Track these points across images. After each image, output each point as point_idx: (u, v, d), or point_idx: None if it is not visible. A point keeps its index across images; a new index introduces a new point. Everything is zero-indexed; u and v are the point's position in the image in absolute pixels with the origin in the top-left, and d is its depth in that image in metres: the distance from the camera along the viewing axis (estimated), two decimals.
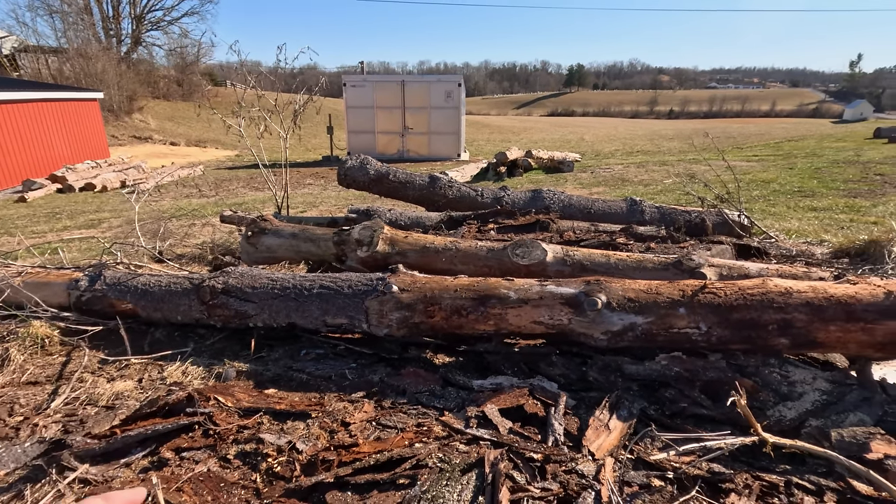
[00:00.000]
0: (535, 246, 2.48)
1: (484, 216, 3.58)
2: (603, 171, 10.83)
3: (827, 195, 6.55)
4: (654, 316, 1.86)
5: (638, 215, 3.85)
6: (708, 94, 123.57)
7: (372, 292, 2.14)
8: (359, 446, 1.58)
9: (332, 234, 2.75)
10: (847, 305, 1.71)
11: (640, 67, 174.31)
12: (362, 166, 3.97)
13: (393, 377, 2.06)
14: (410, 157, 16.20)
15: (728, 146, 19.52)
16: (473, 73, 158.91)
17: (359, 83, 16.53)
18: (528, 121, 57.24)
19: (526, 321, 1.99)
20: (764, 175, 8.82)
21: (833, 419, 1.59)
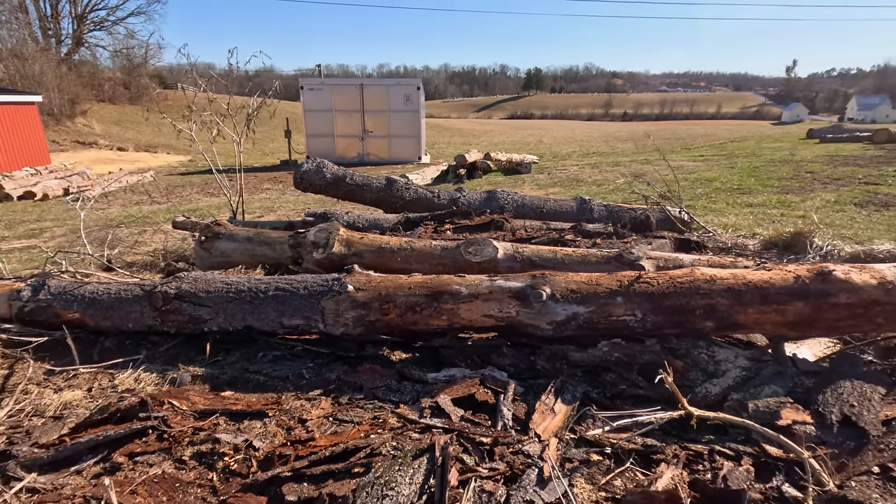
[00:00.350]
0: (486, 244, 2.59)
1: (440, 217, 3.66)
2: (559, 172, 11.16)
3: (762, 192, 7.01)
4: (594, 305, 1.99)
5: (587, 213, 4.03)
6: (659, 98, 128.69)
7: (327, 292, 2.19)
8: (315, 440, 1.63)
9: (288, 237, 2.77)
10: (762, 290, 1.89)
11: (595, 71, 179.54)
12: (318, 170, 3.98)
13: (350, 374, 2.11)
14: (371, 161, 16.15)
15: (677, 147, 20.45)
16: (434, 76, 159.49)
17: (316, 86, 16.34)
18: (488, 123, 58.01)
19: (477, 315, 2.09)
20: (708, 174, 9.32)
21: (751, 392, 1.76)
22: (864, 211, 5.47)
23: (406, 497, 1.34)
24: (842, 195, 6.53)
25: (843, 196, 6.45)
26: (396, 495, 1.33)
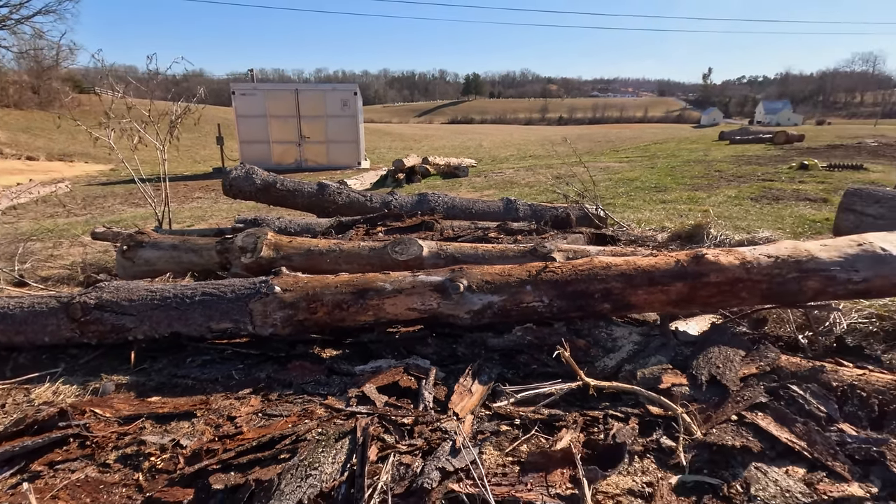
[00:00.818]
0: (412, 243, 2.73)
1: (373, 219, 3.77)
2: (495, 175, 11.54)
3: (676, 189, 7.65)
4: (507, 294, 2.19)
5: (513, 213, 4.28)
6: (591, 103, 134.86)
7: (255, 295, 2.24)
8: (243, 434, 1.70)
9: (215, 243, 2.77)
10: (649, 273, 2.15)
11: (532, 77, 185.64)
12: (248, 176, 3.97)
13: (280, 372, 2.17)
14: (309, 167, 15.90)
15: (607, 149, 21.64)
16: (373, 80, 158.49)
17: (249, 91, 15.90)
18: (429, 128, 58.41)
19: (402, 308, 2.22)
20: (630, 174, 10.00)
21: (640, 362, 2.01)
22: (758, 205, 6.13)
23: (329, 475, 1.45)
24: (742, 191, 7.26)
25: (742, 192, 7.18)
26: (320, 474, 1.44)
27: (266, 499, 1.38)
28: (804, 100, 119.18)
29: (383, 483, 1.44)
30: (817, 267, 2.10)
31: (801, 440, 1.60)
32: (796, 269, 2.10)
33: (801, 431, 1.62)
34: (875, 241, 2.15)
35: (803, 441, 1.59)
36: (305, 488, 1.40)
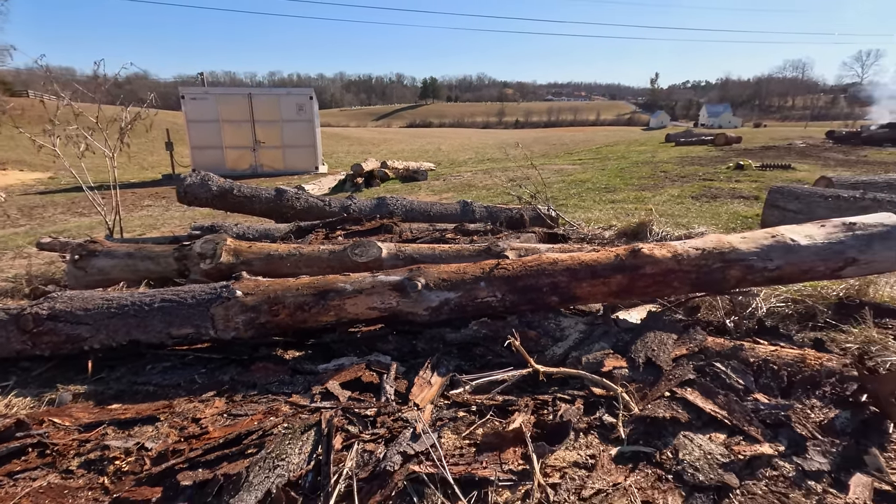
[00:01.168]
0: (371, 245, 2.82)
1: (332, 224, 3.83)
2: (454, 179, 11.73)
3: (624, 190, 8.05)
4: (463, 291, 2.32)
5: (470, 215, 4.43)
6: (546, 106, 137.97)
7: (216, 299, 2.27)
8: (209, 434, 1.75)
9: (173, 251, 2.77)
10: (592, 267, 2.34)
11: (488, 81, 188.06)
12: (203, 182, 3.94)
13: (243, 375, 2.22)
14: (265, 172, 15.60)
15: (561, 152, 22.30)
16: (329, 84, 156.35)
17: (200, 96, 15.45)
18: (387, 132, 58.25)
19: (362, 308, 2.31)
20: (582, 176, 10.41)
21: (585, 349, 2.18)
22: (698, 203, 6.56)
23: (295, 465, 1.53)
24: (684, 190, 7.73)
25: (685, 191, 7.64)
26: (287, 464, 1.52)
27: (235, 491, 1.45)
28: (743, 103, 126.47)
29: (348, 469, 1.54)
30: (738, 257, 2.35)
31: (722, 410, 1.80)
32: (720, 259, 2.34)
33: (723, 402, 1.83)
34: (786, 233, 2.42)
35: (724, 410, 1.80)
36: (273, 478, 1.48)
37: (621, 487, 1.52)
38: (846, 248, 2.36)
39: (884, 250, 2.36)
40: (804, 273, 2.40)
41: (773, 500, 1.47)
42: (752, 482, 1.53)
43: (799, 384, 1.94)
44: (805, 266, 2.37)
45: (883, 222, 2.41)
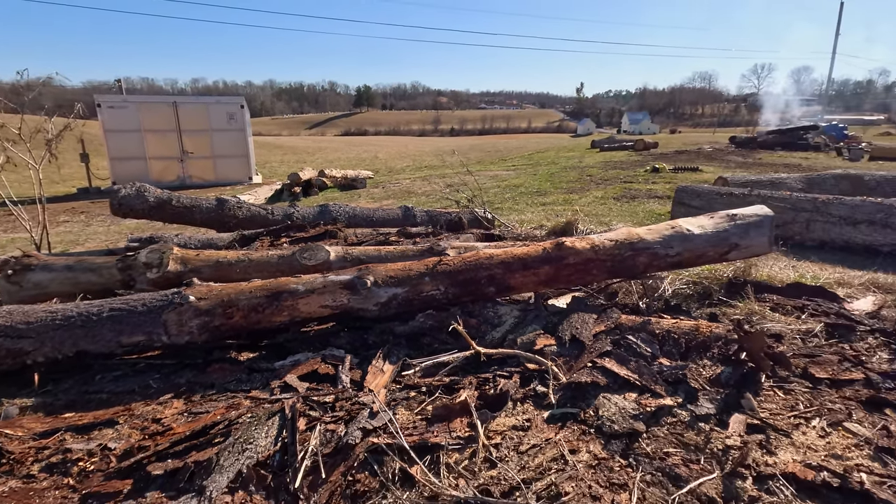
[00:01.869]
0: (319, 249, 2.96)
1: (276, 231, 3.90)
2: (393, 186, 11.90)
3: (554, 193, 8.60)
4: (409, 286, 2.53)
5: (411, 219, 4.65)
6: (480, 114, 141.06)
7: (168, 305, 2.33)
8: (173, 430, 1.83)
9: (116, 261, 2.76)
10: (523, 260, 2.63)
11: (422, 89, 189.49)
12: (139, 194, 3.87)
13: (200, 377, 2.29)
14: (194, 184, 14.95)
15: (496, 158, 23.06)
16: (258, 92, 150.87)
17: (118, 104, 14.57)
18: (322, 140, 57.16)
19: (315, 307, 2.46)
20: (516, 181, 10.95)
21: (520, 331, 2.46)
22: (619, 203, 7.18)
23: (263, 447, 1.67)
24: (607, 192, 8.39)
25: (607, 193, 8.30)
26: (255, 447, 1.65)
27: (207, 474, 1.56)
28: (660, 111, 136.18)
29: (313, 447, 1.69)
30: (645, 246, 2.73)
31: (633, 373, 2.13)
32: (630, 248, 2.71)
33: (634, 367, 2.16)
34: (683, 224, 2.84)
35: (635, 374, 2.13)
36: (243, 460, 1.61)
37: (552, 441, 1.78)
38: (730, 235, 2.82)
39: (758, 236, 2.83)
40: (698, 258, 2.83)
41: (672, 439, 1.79)
42: (656, 428, 1.85)
43: (694, 348, 2.32)
44: (699, 252, 2.79)
45: (757, 213, 2.89)
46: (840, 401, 2.02)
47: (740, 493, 1.53)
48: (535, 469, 1.64)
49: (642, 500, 1.51)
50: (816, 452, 1.71)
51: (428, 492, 1.55)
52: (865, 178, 5.62)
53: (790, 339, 2.56)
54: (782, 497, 1.51)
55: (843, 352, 2.38)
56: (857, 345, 2.46)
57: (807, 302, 2.92)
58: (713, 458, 1.69)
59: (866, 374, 2.18)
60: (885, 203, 4.05)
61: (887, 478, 1.56)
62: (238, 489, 1.55)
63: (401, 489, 1.57)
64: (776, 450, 1.73)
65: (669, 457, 1.70)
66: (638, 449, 1.74)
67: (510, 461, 1.68)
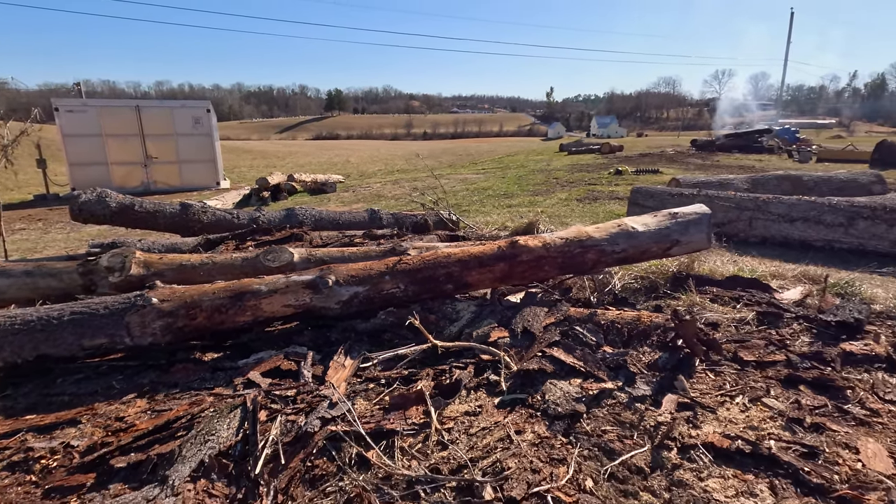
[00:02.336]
0: (283, 251, 3.04)
1: (241, 235, 3.94)
2: (363, 190, 11.94)
3: (520, 195, 8.82)
4: (370, 285, 2.63)
5: (377, 222, 4.75)
6: (453, 118, 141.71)
7: (131, 308, 2.37)
8: (137, 426, 1.89)
9: (77, 266, 2.77)
10: (479, 258, 2.77)
11: (394, 93, 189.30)
12: (101, 199, 3.85)
13: (163, 377, 2.34)
14: (159, 189, 14.62)
15: (467, 162, 23.29)
16: (226, 95, 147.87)
17: (77, 108, 14.16)
18: (292, 145, 56.45)
19: (278, 306, 2.54)
20: (485, 184, 11.15)
21: (477, 325, 2.60)
22: (581, 204, 7.44)
23: (225, 438, 1.75)
24: (571, 194, 8.66)
25: (571, 195, 8.57)
26: (217, 438, 1.73)
27: (169, 465, 1.64)
28: (627, 115, 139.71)
29: (273, 436, 1.78)
30: (593, 243, 2.91)
31: (579, 361, 2.29)
32: (579, 246, 2.88)
33: (580, 355, 2.33)
34: (628, 222, 3.04)
35: (581, 361, 2.29)
36: (205, 450, 1.69)
37: (500, 424, 1.92)
38: (671, 232, 3.03)
39: (697, 233, 3.05)
40: (643, 253, 3.02)
41: (610, 419, 1.95)
42: (596, 409, 2.01)
43: (635, 337, 2.50)
44: (643, 247, 2.99)
45: (696, 211, 3.11)
46: (762, 380, 2.23)
47: (665, 461, 1.69)
48: (483, 449, 1.77)
49: (578, 472, 1.66)
50: (736, 425, 1.90)
51: (382, 473, 1.66)
52: (804, 179, 6.03)
53: (725, 326, 2.78)
54: (701, 463, 1.69)
55: (769, 337, 2.60)
56: (783, 330, 2.69)
57: (742, 293, 3.16)
58: (645, 433, 1.86)
59: (788, 356, 2.40)
60: (817, 201, 4.38)
61: (793, 443, 1.76)
62: (200, 477, 1.62)
63: (357, 472, 1.68)
64: (701, 424, 1.91)
65: (606, 434, 1.86)
66: (579, 428, 1.89)
67: (460, 443, 1.81)
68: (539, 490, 1.55)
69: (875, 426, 1.89)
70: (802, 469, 1.61)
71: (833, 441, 1.78)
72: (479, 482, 1.58)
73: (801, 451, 1.72)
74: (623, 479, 1.63)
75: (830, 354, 2.38)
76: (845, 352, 2.41)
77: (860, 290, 3.14)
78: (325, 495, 1.59)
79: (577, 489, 1.58)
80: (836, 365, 2.31)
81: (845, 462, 1.65)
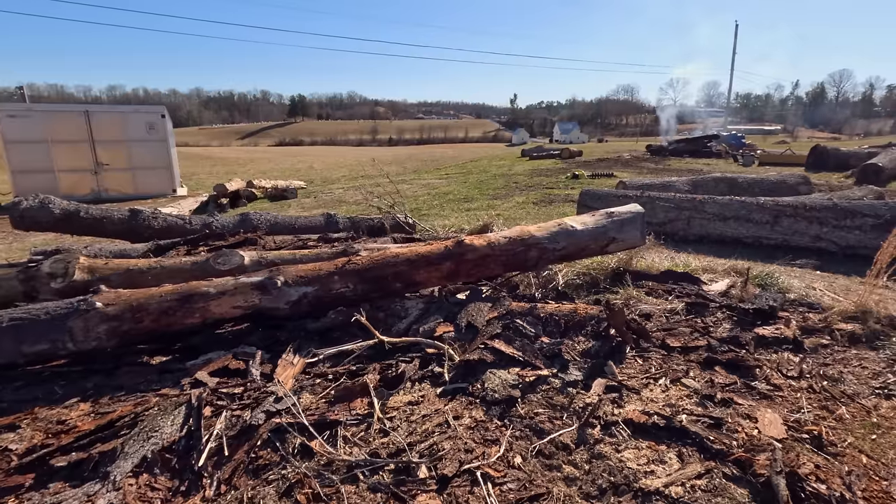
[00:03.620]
0: (233, 254, 3.07)
1: (194, 240, 3.92)
2: (325, 196, 11.89)
3: (480, 199, 9.01)
4: (319, 285, 2.70)
5: (334, 226, 4.80)
6: (418, 124, 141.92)
7: (74, 313, 2.36)
8: (79, 427, 1.90)
9: (17, 272, 2.72)
10: (427, 257, 2.88)
11: (359, 99, 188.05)
12: (43, 206, 3.75)
13: (109, 380, 2.34)
14: (111, 197, 14.09)
15: (432, 167, 23.44)
16: (184, 100, 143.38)
17: (21, 113, 13.52)
18: (255, 151, 55.25)
19: (227, 308, 2.57)
20: (447, 189, 11.31)
21: (424, 321, 2.71)
22: (537, 207, 7.68)
23: (169, 434, 1.79)
24: (529, 197, 8.91)
25: (529, 198, 8.82)
26: (160, 434, 1.77)
27: (111, 461, 1.67)
28: (588, 121, 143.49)
29: (218, 430, 1.83)
30: (535, 241, 3.07)
31: (518, 351, 2.43)
32: (522, 244, 3.04)
33: (519, 346, 2.47)
34: (568, 221, 3.22)
35: (520, 351, 2.43)
36: (148, 446, 1.72)
37: (440, 411, 2.03)
38: (608, 230, 3.23)
39: (631, 230, 3.27)
40: (582, 250, 3.21)
41: (543, 402, 2.09)
42: (531, 394, 2.15)
43: (572, 327, 2.67)
44: (582, 245, 3.18)
45: (631, 210, 3.33)
46: (684, 363, 2.42)
47: (588, 438, 1.84)
48: (422, 434, 1.87)
49: (509, 451, 1.78)
50: (656, 403, 2.08)
51: (325, 460, 1.74)
52: (739, 180, 6.45)
53: (658, 316, 2.98)
54: (621, 438, 1.84)
55: (695, 325, 2.82)
56: (708, 318, 2.92)
57: (675, 286, 3.39)
58: (574, 414, 2.01)
59: (709, 341, 2.62)
60: (747, 201, 4.72)
61: (702, 416, 1.94)
62: (143, 472, 1.66)
63: (300, 460, 1.75)
64: (626, 404, 2.07)
65: (538, 416, 2.00)
66: (513, 412, 2.03)
67: (401, 429, 1.90)
68: (469, 467, 1.66)
69: (776, 399, 2.10)
70: (707, 438, 1.79)
71: (737, 413, 1.97)
72: (415, 463, 1.69)
73: (707, 423, 1.90)
74: (549, 455, 1.77)
75: (745, 338, 2.61)
76: (759, 336, 2.65)
77: (778, 280, 3.43)
78: (268, 483, 1.66)
79: (507, 465, 1.71)
80: (749, 347, 2.54)
81: (743, 430, 1.84)
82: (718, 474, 1.63)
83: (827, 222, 4.28)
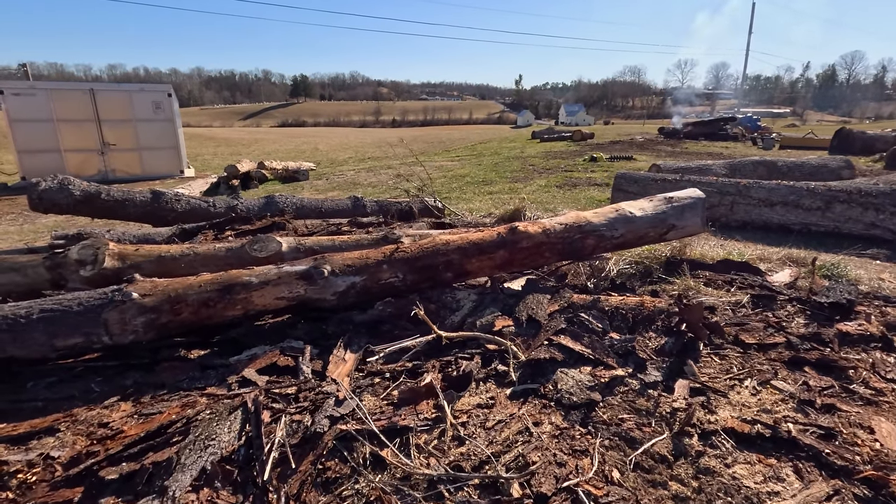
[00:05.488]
0: (270, 240, 2.87)
1: (220, 224, 3.73)
2: (337, 178, 11.65)
3: (499, 182, 8.77)
4: (367, 274, 2.51)
5: (361, 209, 4.60)
6: (422, 105, 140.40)
7: (109, 304, 2.18)
8: (125, 432, 1.73)
9: (43, 259, 2.53)
10: (479, 245, 2.68)
11: (362, 80, 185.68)
12: (63, 187, 3.55)
13: (148, 377, 2.17)
14: (118, 178, 13.88)
15: (440, 150, 23.08)
16: (185, 80, 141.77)
17: (25, 91, 13.22)
18: (257, 132, 54.70)
19: (270, 299, 2.39)
20: (462, 171, 11.04)
21: (479, 314, 2.52)
22: (561, 191, 7.44)
23: (227, 442, 1.62)
24: (550, 181, 8.66)
25: (550, 181, 8.57)
26: (218, 443, 1.60)
27: (168, 474, 1.50)
28: (594, 103, 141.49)
29: (279, 438, 1.66)
30: (592, 229, 2.87)
31: (587, 348, 2.25)
32: (579, 231, 2.84)
33: (587, 342, 2.28)
34: (626, 207, 3.01)
35: (589, 349, 2.25)
36: (206, 456, 1.55)
37: (516, 416, 1.85)
38: (668, 216, 3.01)
39: (692, 217, 3.05)
40: (640, 238, 3.00)
41: (625, 406, 1.92)
42: (610, 397, 1.97)
43: (640, 322, 2.48)
44: (641, 232, 2.97)
45: (691, 196, 3.11)
46: (767, 362, 2.24)
47: (688, 448, 1.67)
48: (503, 443, 1.70)
49: (603, 463, 1.61)
50: (750, 408, 1.89)
51: (400, 473, 1.57)
52: (779, 164, 6.20)
53: (722, 310, 2.79)
54: (724, 449, 1.67)
55: (767, 319, 2.62)
56: (779, 312, 2.72)
57: (735, 276, 3.19)
58: (662, 420, 1.83)
59: (787, 337, 2.43)
60: (796, 186, 4.49)
61: (809, 425, 1.76)
62: (203, 486, 1.49)
63: (373, 472, 1.58)
64: (716, 409, 1.89)
65: (624, 422, 1.82)
66: (595, 417, 1.85)
67: (478, 437, 1.73)
68: (568, 484, 1.49)
69: (882, 405, 1.91)
70: (824, 451, 1.61)
71: (847, 422, 1.79)
72: (505, 478, 1.51)
73: (818, 433, 1.72)
74: (649, 469, 1.59)
75: (828, 335, 2.42)
76: (841, 332, 2.45)
77: (846, 271, 3.22)
78: (342, 499, 1.49)
79: (605, 481, 1.54)
80: (834, 345, 2.35)
81: (864, 443, 1.66)
82: (849, 495, 1.46)
83: (884, 209, 4.05)
